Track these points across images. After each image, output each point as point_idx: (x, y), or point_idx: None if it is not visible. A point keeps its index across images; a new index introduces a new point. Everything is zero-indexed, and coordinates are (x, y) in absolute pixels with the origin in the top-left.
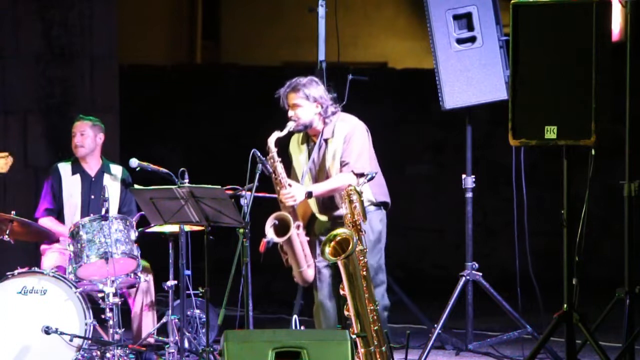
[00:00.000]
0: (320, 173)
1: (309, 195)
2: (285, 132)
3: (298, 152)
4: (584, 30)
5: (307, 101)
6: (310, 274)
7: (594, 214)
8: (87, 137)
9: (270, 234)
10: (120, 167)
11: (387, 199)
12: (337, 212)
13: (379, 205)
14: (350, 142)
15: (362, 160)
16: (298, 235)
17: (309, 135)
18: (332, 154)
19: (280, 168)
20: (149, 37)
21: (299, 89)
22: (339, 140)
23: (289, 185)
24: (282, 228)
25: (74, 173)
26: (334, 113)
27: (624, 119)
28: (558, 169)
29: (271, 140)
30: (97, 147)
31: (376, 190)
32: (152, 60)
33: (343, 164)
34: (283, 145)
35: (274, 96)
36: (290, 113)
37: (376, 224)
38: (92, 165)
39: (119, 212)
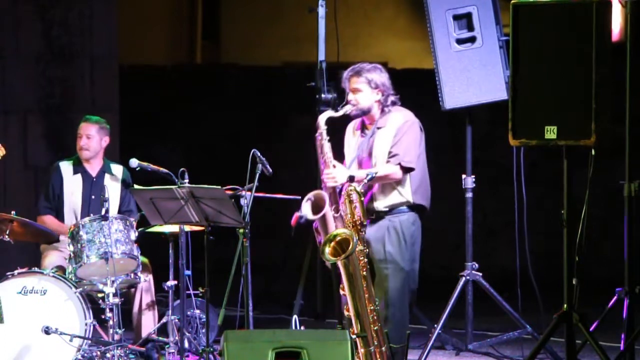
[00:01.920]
0: (367, 160)
1: (351, 179)
2: (339, 113)
3: (352, 137)
4: (584, 30)
5: (369, 87)
6: None
7: (594, 214)
8: (93, 140)
9: (305, 209)
10: (121, 166)
11: (425, 203)
12: (370, 205)
13: (414, 207)
14: (402, 134)
15: (411, 155)
16: (334, 218)
17: (365, 123)
18: (382, 143)
19: (327, 147)
20: (149, 37)
21: (361, 74)
22: (391, 131)
23: (334, 166)
24: (318, 206)
25: (75, 173)
26: (393, 103)
27: (624, 119)
28: (558, 169)
29: (322, 118)
30: (102, 150)
31: (417, 190)
32: (152, 60)
33: (391, 155)
34: (338, 129)
35: (275, 95)
36: (350, 97)
37: (408, 226)
38: (93, 166)
39: (119, 211)
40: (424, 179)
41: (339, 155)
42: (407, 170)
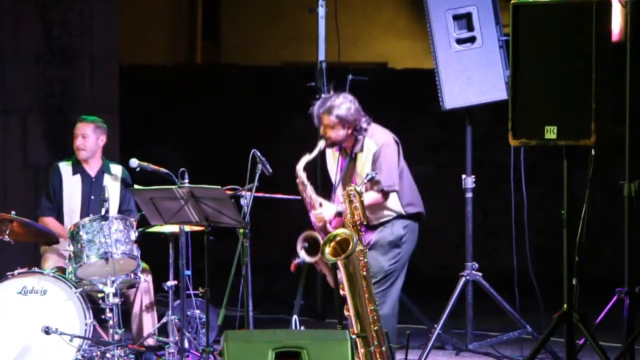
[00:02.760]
0: (349, 185)
1: (339, 214)
2: (315, 154)
3: (333, 159)
4: (584, 30)
5: (340, 125)
6: None
7: (594, 214)
8: (89, 140)
9: (302, 255)
10: (120, 166)
11: (420, 209)
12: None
13: (407, 217)
14: (378, 161)
15: (392, 178)
16: None
17: (342, 145)
18: (361, 168)
19: (310, 190)
20: (149, 37)
21: (332, 112)
22: (368, 157)
23: (320, 204)
24: (313, 247)
25: (74, 173)
26: (365, 129)
27: (624, 119)
28: (558, 169)
29: (299, 167)
30: (99, 149)
31: (409, 203)
32: (152, 60)
33: (372, 183)
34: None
35: (272, 96)
36: (322, 131)
37: (398, 228)
38: (92, 166)
39: (119, 211)
40: (412, 189)
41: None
42: (390, 193)
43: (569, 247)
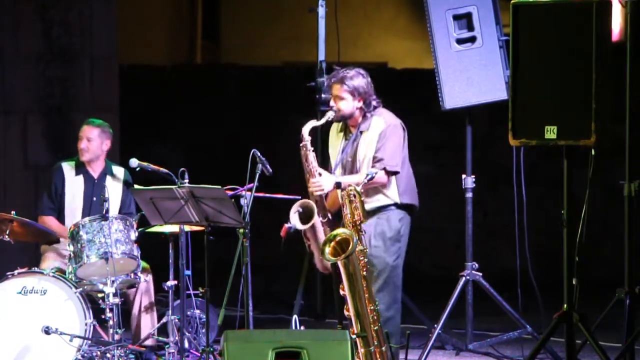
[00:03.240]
0: (352, 164)
1: (338, 185)
2: (322, 121)
3: (335, 140)
4: (584, 30)
5: (351, 95)
6: None
7: (594, 214)
8: (93, 143)
9: (294, 220)
10: (123, 168)
11: (414, 202)
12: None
13: (402, 207)
14: (385, 139)
15: (395, 159)
16: (322, 223)
17: (347, 125)
18: (365, 148)
19: (311, 157)
20: (149, 37)
21: (344, 82)
22: (374, 135)
23: (319, 174)
24: (306, 215)
25: (77, 174)
26: (375, 108)
27: (624, 119)
28: (558, 169)
29: (305, 129)
30: (103, 153)
31: (405, 191)
32: (152, 60)
33: (376, 160)
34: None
35: (273, 94)
36: (332, 103)
37: (394, 222)
38: (95, 168)
39: (119, 213)
40: (410, 179)
41: (323, 155)
42: (391, 174)
43: (569, 247)
